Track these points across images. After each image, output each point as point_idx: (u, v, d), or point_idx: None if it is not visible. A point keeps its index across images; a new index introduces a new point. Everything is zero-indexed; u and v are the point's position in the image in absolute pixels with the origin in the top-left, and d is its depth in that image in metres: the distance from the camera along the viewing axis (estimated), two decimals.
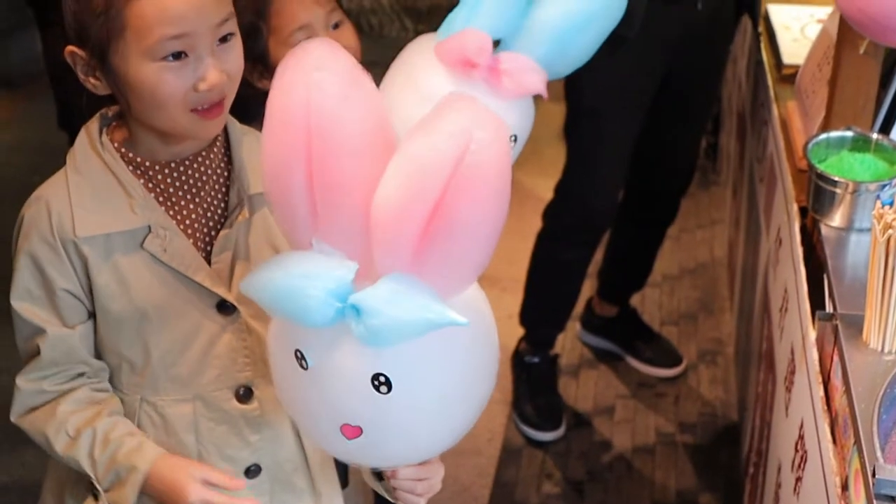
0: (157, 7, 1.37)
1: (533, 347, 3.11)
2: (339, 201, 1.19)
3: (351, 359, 1.23)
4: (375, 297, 1.18)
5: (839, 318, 1.65)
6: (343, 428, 1.27)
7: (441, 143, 1.14)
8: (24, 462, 2.89)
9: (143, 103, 1.42)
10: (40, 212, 1.48)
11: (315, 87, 1.15)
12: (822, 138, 1.98)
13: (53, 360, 1.51)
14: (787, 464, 1.82)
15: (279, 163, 1.20)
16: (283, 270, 1.21)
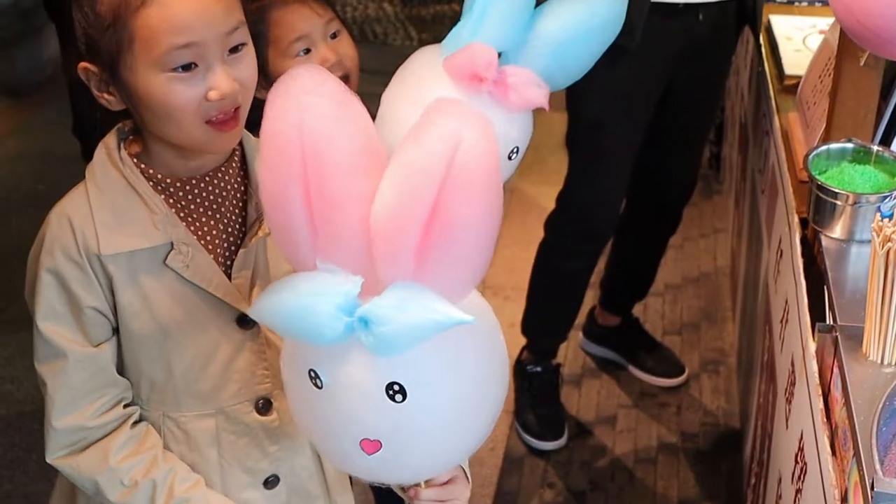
0: (163, 17, 1.35)
1: (535, 357, 3.12)
2: (339, 219, 1.21)
3: (364, 371, 1.25)
4: (382, 306, 1.20)
5: (839, 329, 1.65)
6: (363, 443, 1.28)
7: (431, 146, 1.17)
8: (26, 470, 2.90)
9: (156, 116, 1.40)
10: (63, 229, 1.45)
11: (307, 111, 1.18)
12: (822, 150, 1.98)
13: (84, 384, 1.49)
14: (788, 475, 1.82)
15: (277, 189, 1.22)
16: (290, 291, 1.22)
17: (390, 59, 2.00)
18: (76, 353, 1.47)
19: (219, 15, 1.38)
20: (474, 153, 1.17)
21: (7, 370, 3.22)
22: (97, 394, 1.50)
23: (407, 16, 5.88)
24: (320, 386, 1.27)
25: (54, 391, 1.49)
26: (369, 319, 1.20)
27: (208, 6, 1.37)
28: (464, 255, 1.22)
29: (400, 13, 5.90)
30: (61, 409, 1.49)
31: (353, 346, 1.23)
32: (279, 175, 1.21)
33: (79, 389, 1.49)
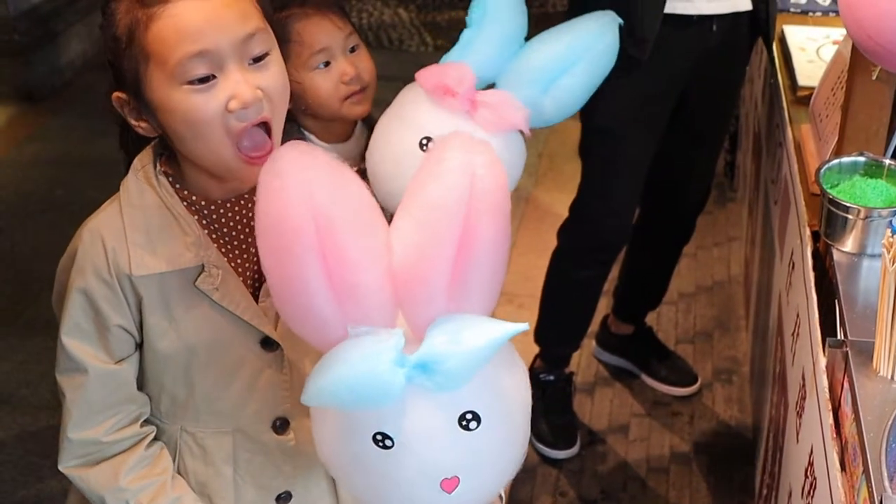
0: (173, 27, 1.33)
1: (548, 365, 3.12)
2: (362, 280, 1.22)
3: (434, 413, 1.25)
4: (437, 345, 1.21)
5: (849, 345, 1.65)
6: (443, 484, 1.28)
7: (450, 180, 1.20)
8: (40, 476, 2.92)
9: (184, 136, 1.38)
10: (96, 247, 1.45)
11: (312, 184, 1.18)
12: (834, 163, 1.98)
13: (103, 400, 1.50)
14: (798, 490, 1.82)
15: (292, 271, 1.20)
16: (342, 364, 1.20)
17: (406, 65, 2.02)
18: (97, 370, 1.48)
19: (231, 20, 1.35)
20: (490, 177, 1.21)
21: (22, 375, 3.24)
22: (115, 410, 1.51)
23: (422, 22, 5.89)
24: (390, 446, 1.25)
25: (72, 404, 1.49)
26: (427, 363, 1.21)
27: (219, 12, 1.34)
28: (490, 275, 1.26)
29: (415, 19, 5.91)
30: (78, 422, 1.50)
31: (414, 394, 1.23)
32: (293, 256, 1.19)
33: (97, 404, 1.50)
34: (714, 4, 2.57)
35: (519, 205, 4.20)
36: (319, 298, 1.21)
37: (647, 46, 2.50)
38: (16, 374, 3.26)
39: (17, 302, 3.38)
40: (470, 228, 1.21)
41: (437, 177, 1.21)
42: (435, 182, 1.21)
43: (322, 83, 1.91)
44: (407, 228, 1.23)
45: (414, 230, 1.22)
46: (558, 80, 1.81)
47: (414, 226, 1.22)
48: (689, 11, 2.56)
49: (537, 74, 1.80)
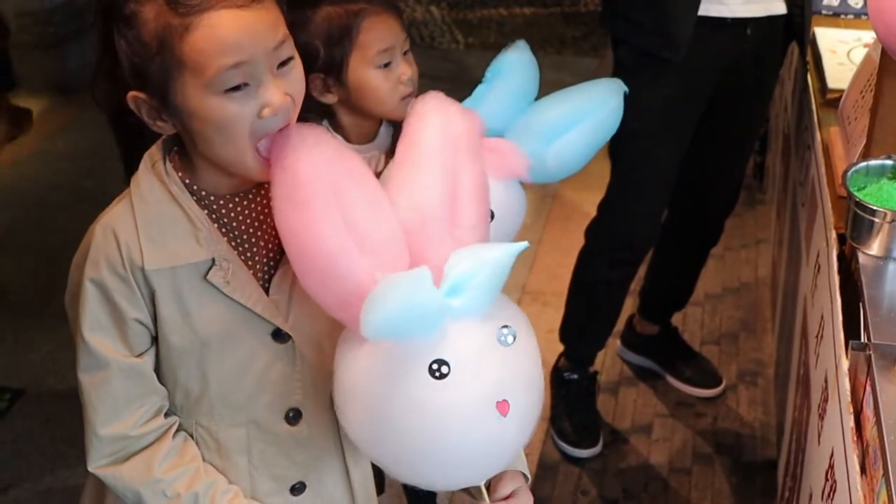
0: (211, 38, 1.34)
1: (572, 364, 3.12)
2: (382, 228, 1.33)
3: (478, 332, 1.34)
4: (461, 269, 1.31)
5: (872, 348, 1.65)
6: (498, 407, 1.34)
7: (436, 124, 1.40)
8: (67, 464, 2.95)
9: (210, 138, 1.40)
10: (108, 241, 1.46)
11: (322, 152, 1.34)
12: (861, 166, 1.97)
13: (127, 394, 1.50)
14: (818, 493, 1.81)
15: (316, 230, 1.32)
16: (391, 298, 1.26)
17: (437, 61, 2.05)
18: (120, 364, 1.49)
19: (265, 31, 1.37)
20: (465, 121, 1.41)
21: (50, 364, 3.28)
22: (139, 402, 1.51)
23: (454, 19, 5.90)
24: (447, 373, 1.31)
25: (98, 401, 1.50)
26: (459, 283, 1.30)
27: (254, 24, 1.35)
28: (482, 209, 1.41)
29: (447, 17, 5.93)
30: (105, 418, 1.50)
31: (454, 319, 1.32)
32: (316, 215, 1.30)
33: (122, 399, 1.50)
34: (749, 7, 2.57)
35: (545, 203, 4.21)
36: (345, 250, 1.31)
37: (681, 48, 2.49)
38: (44, 364, 3.30)
39: (46, 293, 3.42)
40: (456, 168, 1.37)
41: (423, 127, 1.39)
42: (423, 131, 1.39)
43: (382, 82, 1.93)
44: (404, 177, 1.38)
45: (412, 176, 1.37)
46: (562, 137, 1.88)
47: (411, 172, 1.37)
48: (723, 14, 2.55)
49: (542, 129, 1.87)
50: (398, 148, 1.41)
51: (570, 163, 1.91)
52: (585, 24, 5.85)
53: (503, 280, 1.34)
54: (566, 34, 5.77)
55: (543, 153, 1.87)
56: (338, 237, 1.30)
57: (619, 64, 2.71)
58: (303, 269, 1.35)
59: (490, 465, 1.46)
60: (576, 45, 5.64)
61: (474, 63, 5.31)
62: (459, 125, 1.41)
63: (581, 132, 1.88)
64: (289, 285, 1.53)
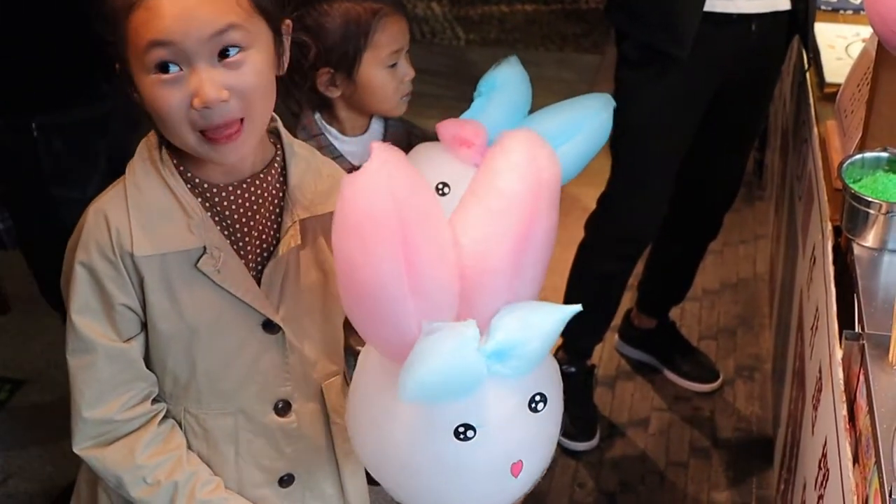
0: (147, 18, 1.34)
1: (570, 357, 3.13)
2: (438, 273, 1.23)
3: (510, 398, 1.30)
4: (510, 332, 1.25)
5: (866, 338, 1.66)
6: (512, 469, 1.33)
7: (522, 171, 1.26)
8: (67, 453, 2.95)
9: (157, 121, 1.41)
10: (100, 226, 1.46)
11: (393, 180, 1.20)
12: (857, 158, 1.98)
13: (113, 378, 1.51)
14: (812, 482, 1.82)
15: (377, 265, 1.20)
16: (435, 356, 1.21)
17: (438, 57, 2.07)
18: (107, 348, 1.49)
19: (205, 16, 1.35)
20: (553, 170, 1.28)
21: (52, 355, 3.28)
22: (125, 388, 1.52)
23: (455, 16, 5.91)
24: (471, 437, 1.28)
25: (84, 384, 1.51)
26: (504, 350, 1.25)
27: (192, 7, 1.34)
28: (544, 265, 1.31)
29: (448, 13, 5.93)
30: (90, 401, 1.51)
31: (490, 382, 1.27)
32: (379, 249, 1.20)
33: (108, 383, 1.51)
34: (754, 3, 2.57)
35: None
36: (400, 294, 1.22)
37: (686, 44, 2.50)
38: (44, 355, 3.31)
39: None
40: (534, 219, 1.26)
41: (507, 168, 1.25)
42: (507, 173, 1.25)
43: (389, 81, 1.97)
44: (476, 219, 1.26)
45: (484, 220, 1.25)
46: (558, 149, 1.90)
47: (484, 216, 1.25)
48: (728, 10, 2.55)
49: None
50: (475, 179, 1.29)
51: (564, 173, 1.93)
52: (586, 20, 5.85)
53: (549, 347, 1.29)
54: (567, 31, 5.77)
55: None
56: (395, 281, 1.21)
57: (623, 59, 2.72)
58: (353, 304, 1.27)
59: None
60: (577, 41, 5.64)
61: (475, 59, 5.32)
62: (546, 172, 1.27)
63: (574, 144, 1.91)
64: (281, 277, 1.54)
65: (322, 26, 1.91)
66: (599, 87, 1.99)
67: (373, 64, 1.94)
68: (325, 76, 1.94)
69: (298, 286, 1.56)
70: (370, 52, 1.93)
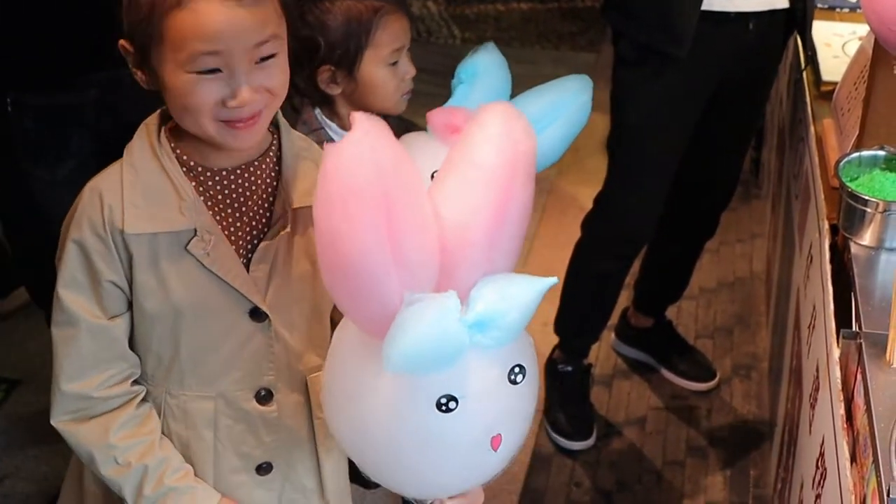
0: (193, 23, 1.38)
1: (567, 356, 3.13)
2: (420, 244, 1.26)
3: (491, 369, 1.32)
4: (490, 303, 1.27)
5: (863, 336, 1.66)
6: (493, 441, 1.34)
7: (498, 144, 1.28)
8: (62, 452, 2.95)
9: (175, 107, 1.45)
10: (93, 203, 1.49)
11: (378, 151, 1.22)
12: (854, 157, 1.98)
13: (94, 354, 1.52)
14: (809, 481, 1.82)
15: (361, 236, 1.22)
16: (417, 327, 1.22)
17: (434, 56, 2.07)
18: (90, 323, 1.51)
19: (250, 27, 1.40)
20: (528, 143, 1.31)
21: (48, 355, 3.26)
22: (105, 365, 1.53)
23: (451, 14, 5.90)
24: (453, 408, 1.29)
25: (65, 357, 1.53)
26: (485, 320, 1.26)
27: (240, 18, 1.39)
28: (520, 237, 1.34)
29: (444, 12, 5.93)
30: (70, 374, 1.53)
31: (472, 354, 1.28)
32: (363, 219, 1.21)
33: (88, 359, 1.52)
34: (751, 1, 2.56)
35: (542, 196, 4.21)
36: (383, 265, 1.24)
37: (684, 43, 2.50)
38: (42, 355, 3.29)
39: None
40: (511, 192, 1.29)
41: (484, 141, 1.28)
42: (484, 146, 1.28)
43: (390, 79, 1.97)
44: (455, 192, 1.28)
45: (463, 193, 1.28)
46: (543, 132, 1.93)
47: (463, 188, 1.28)
48: (726, 8, 2.55)
49: None
50: (454, 151, 1.32)
51: (548, 155, 1.97)
52: (583, 19, 5.85)
53: (529, 318, 1.30)
54: (563, 29, 5.77)
55: None
56: (379, 253, 1.23)
57: (621, 58, 2.72)
58: (335, 277, 1.29)
59: (468, 485, 1.49)
60: (573, 40, 5.64)
61: None
62: (522, 145, 1.30)
63: (557, 126, 1.94)
64: (269, 264, 1.55)
65: (324, 24, 1.91)
66: (595, 86, 1.98)
67: (374, 62, 1.94)
68: (326, 74, 1.95)
69: (287, 275, 1.57)
70: (371, 51, 1.93)
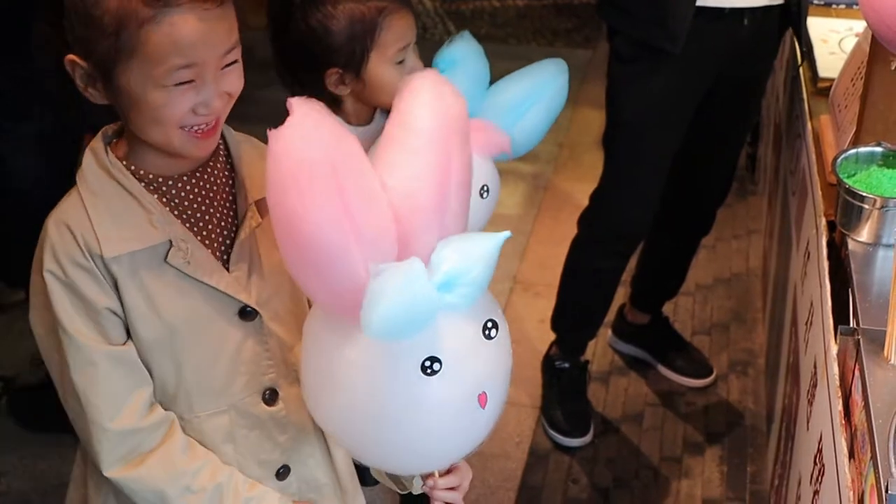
0: (169, 37, 1.36)
1: (564, 353, 3.13)
2: (376, 215, 1.29)
3: (466, 328, 1.36)
4: (453, 262, 1.30)
5: (861, 332, 1.66)
6: (480, 398, 1.38)
7: (433, 108, 1.33)
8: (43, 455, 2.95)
9: (140, 121, 1.42)
10: (64, 236, 1.45)
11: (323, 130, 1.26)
12: (851, 153, 1.98)
13: (122, 383, 1.48)
14: (807, 477, 1.83)
15: (318, 215, 1.25)
16: (394, 292, 1.25)
17: (429, 52, 2.06)
18: (107, 352, 1.47)
19: (221, 35, 1.40)
20: (459, 104, 1.36)
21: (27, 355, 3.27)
22: (137, 391, 1.50)
23: (446, 11, 5.90)
24: (438, 370, 1.32)
25: (96, 397, 1.48)
26: (451, 279, 1.30)
27: (213, 28, 1.38)
28: (466, 197, 1.38)
29: (439, 8, 5.92)
30: (109, 413, 1.48)
31: (444, 314, 1.32)
32: (315, 198, 1.24)
33: (119, 389, 1.49)
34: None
35: (537, 194, 4.21)
36: (343, 240, 1.26)
37: (679, 39, 2.49)
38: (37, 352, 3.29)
39: None
40: (451, 154, 1.33)
41: (419, 107, 1.33)
42: (419, 111, 1.33)
43: (398, 77, 1.94)
44: (398, 160, 1.32)
45: (406, 161, 1.32)
46: (525, 115, 2.02)
47: (406, 156, 1.32)
48: (721, 4, 2.54)
49: (508, 109, 2.01)
50: (390, 124, 1.37)
51: (532, 137, 2.05)
52: (577, 15, 5.85)
53: (491, 273, 1.34)
54: (558, 26, 5.77)
55: (511, 131, 1.99)
56: (337, 227, 1.26)
57: (616, 54, 2.71)
58: (297, 259, 1.31)
59: (460, 453, 1.50)
60: (568, 36, 5.64)
61: None
62: (454, 107, 1.36)
63: (538, 109, 2.01)
64: (247, 260, 1.55)
65: (327, 28, 1.90)
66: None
67: (380, 62, 1.93)
68: (334, 76, 1.94)
69: (264, 268, 1.56)
70: (377, 52, 1.92)
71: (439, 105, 1.34)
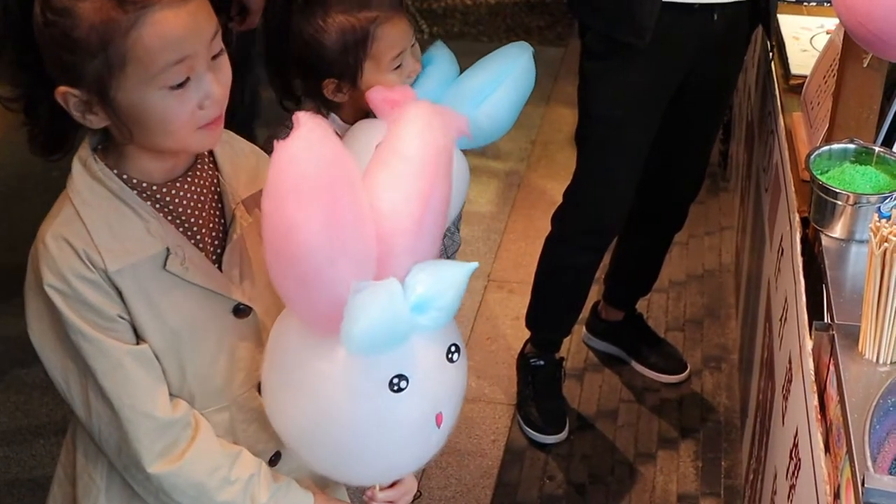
0: (157, 35, 1.35)
1: (538, 350, 3.14)
2: (360, 235, 1.33)
3: (433, 348, 1.43)
4: (428, 286, 1.36)
5: (836, 328, 1.67)
6: (437, 418, 1.45)
7: (425, 137, 1.39)
8: (34, 453, 2.93)
9: (150, 130, 1.41)
10: (64, 251, 1.43)
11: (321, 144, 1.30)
12: (824, 150, 2.00)
13: (148, 378, 1.49)
14: (783, 471, 1.84)
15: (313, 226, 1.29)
16: (378, 311, 1.31)
17: None
18: (129, 350, 1.47)
19: (203, 22, 1.40)
20: (448, 136, 1.41)
21: (17, 354, 3.24)
22: (160, 386, 1.50)
23: (418, 9, 5.89)
24: (404, 387, 1.39)
25: (129, 396, 1.48)
26: (424, 302, 1.35)
27: (194, 16, 1.38)
28: (442, 225, 1.44)
29: (411, 6, 5.91)
30: (145, 406, 1.48)
31: (414, 336, 1.38)
32: (313, 211, 1.28)
33: (147, 384, 1.49)
34: None
35: (511, 191, 4.22)
36: (334, 254, 1.31)
37: (645, 34, 2.50)
38: (10, 354, 3.27)
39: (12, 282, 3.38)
40: (435, 182, 1.38)
41: (411, 136, 1.38)
42: (410, 140, 1.38)
43: (396, 82, 1.97)
44: (385, 183, 1.37)
45: (393, 184, 1.37)
46: (488, 98, 2.01)
47: (393, 180, 1.37)
48: (691, 0, 2.56)
49: (469, 94, 2.01)
50: (380, 147, 1.40)
51: (501, 121, 2.05)
52: (550, 13, 5.85)
53: (460, 299, 1.39)
54: (531, 23, 5.77)
55: (475, 115, 1.99)
56: (328, 239, 1.30)
57: (588, 50, 2.72)
58: (286, 268, 1.34)
59: (409, 468, 1.58)
60: (541, 34, 5.65)
61: None
62: (443, 139, 1.41)
63: (504, 92, 2.01)
64: (238, 260, 1.56)
65: (320, 42, 1.92)
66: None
67: (376, 71, 1.94)
68: (331, 85, 1.96)
69: (253, 265, 1.57)
70: (371, 62, 1.93)
71: (429, 136, 1.39)
